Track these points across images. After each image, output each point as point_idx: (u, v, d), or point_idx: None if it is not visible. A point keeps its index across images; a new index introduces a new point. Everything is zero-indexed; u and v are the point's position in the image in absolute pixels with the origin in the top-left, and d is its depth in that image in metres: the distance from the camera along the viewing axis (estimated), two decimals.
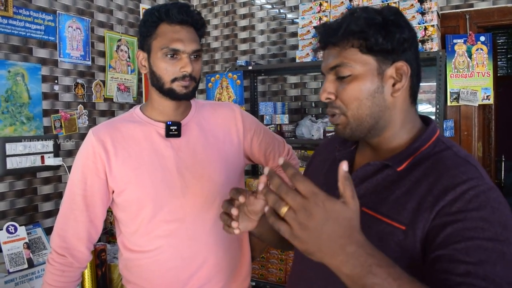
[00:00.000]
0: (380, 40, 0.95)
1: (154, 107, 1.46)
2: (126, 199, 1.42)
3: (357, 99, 0.97)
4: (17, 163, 2.47)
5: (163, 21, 1.37)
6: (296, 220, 0.70)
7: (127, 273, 1.50)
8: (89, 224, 1.43)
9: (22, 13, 2.51)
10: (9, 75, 2.44)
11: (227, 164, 1.51)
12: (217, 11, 3.87)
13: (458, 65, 2.89)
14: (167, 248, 1.41)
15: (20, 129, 2.50)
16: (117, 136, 1.42)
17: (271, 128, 3.05)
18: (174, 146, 1.43)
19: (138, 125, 1.45)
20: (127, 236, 1.47)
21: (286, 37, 3.55)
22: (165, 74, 1.37)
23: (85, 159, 1.42)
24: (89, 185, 1.41)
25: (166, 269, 1.42)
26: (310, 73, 3.43)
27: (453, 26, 2.96)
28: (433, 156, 0.97)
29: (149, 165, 1.40)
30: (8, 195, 2.46)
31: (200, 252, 1.43)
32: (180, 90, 1.38)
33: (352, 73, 0.97)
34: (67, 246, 1.43)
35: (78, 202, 1.42)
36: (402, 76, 0.98)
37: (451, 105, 2.94)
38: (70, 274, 1.45)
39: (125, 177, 1.39)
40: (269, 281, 3.02)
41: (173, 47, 1.35)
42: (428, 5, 2.68)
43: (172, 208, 1.41)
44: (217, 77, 3.19)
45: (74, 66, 2.83)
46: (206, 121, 1.53)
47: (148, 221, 1.40)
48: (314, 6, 3.07)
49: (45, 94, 2.65)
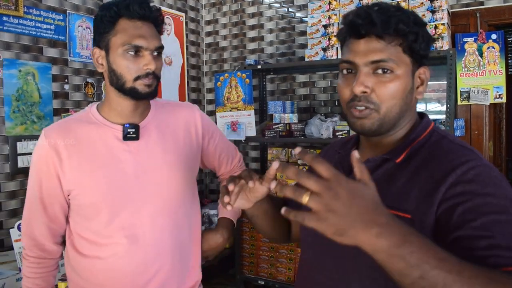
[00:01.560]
0: (423, 45, 0.98)
1: (111, 107, 1.38)
2: (80, 203, 1.36)
3: (394, 98, 0.97)
4: (27, 162, 2.48)
5: (123, 16, 1.28)
6: (322, 203, 0.69)
7: (77, 278, 1.43)
8: (50, 223, 1.39)
9: (32, 13, 2.52)
10: (20, 75, 2.46)
11: (186, 168, 1.45)
12: (225, 10, 3.87)
13: (469, 64, 2.86)
14: (123, 254, 1.35)
15: (31, 128, 2.52)
16: (71, 138, 1.34)
17: (280, 127, 3.04)
18: (131, 150, 1.36)
19: (94, 127, 1.37)
20: (78, 239, 1.40)
21: (295, 35, 3.54)
22: (126, 72, 1.29)
23: (38, 162, 1.37)
24: (45, 188, 1.36)
25: (122, 275, 1.36)
26: (319, 71, 3.43)
27: (463, 24, 2.94)
28: (429, 146, 0.99)
29: (105, 169, 1.33)
30: (19, 193, 2.48)
31: (156, 258, 1.38)
32: (143, 88, 1.30)
33: (395, 71, 0.96)
34: (35, 244, 1.41)
35: (37, 204, 1.37)
36: (424, 80, 1.02)
37: (461, 104, 2.91)
38: (45, 264, 1.43)
39: (80, 181, 1.33)
40: (278, 280, 3.02)
41: (135, 43, 1.27)
42: (439, 3, 2.66)
43: (129, 214, 1.35)
44: (226, 76, 3.19)
45: (84, 65, 2.85)
46: (166, 123, 1.46)
47: (104, 227, 1.34)
48: (323, 5, 3.06)
49: (56, 93, 2.67)
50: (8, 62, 2.40)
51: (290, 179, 0.72)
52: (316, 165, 0.71)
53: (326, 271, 1.03)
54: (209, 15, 3.96)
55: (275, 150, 3.43)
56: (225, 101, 3.18)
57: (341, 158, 1.13)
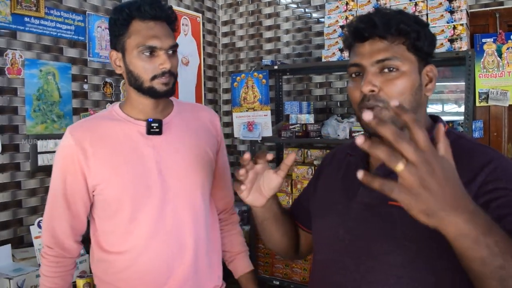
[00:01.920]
0: (427, 43, 1.01)
1: (133, 106, 1.41)
2: (105, 199, 1.38)
3: (402, 94, 0.99)
4: (48, 160, 2.52)
5: (135, 18, 1.31)
6: (417, 176, 0.63)
7: (102, 274, 1.46)
8: (72, 220, 1.42)
9: (53, 14, 2.57)
10: (41, 74, 2.50)
11: (206, 166, 1.48)
12: (242, 10, 3.88)
13: (487, 65, 2.83)
14: (145, 249, 1.38)
15: (51, 127, 2.56)
16: (95, 135, 1.37)
17: (297, 127, 3.04)
18: (154, 145, 1.39)
19: (118, 123, 1.40)
20: (103, 236, 1.43)
21: (311, 36, 3.54)
22: (143, 72, 1.32)
23: (63, 159, 1.39)
24: (69, 185, 1.38)
25: (144, 270, 1.38)
26: (335, 72, 3.42)
27: (482, 24, 2.91)
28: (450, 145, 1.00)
29: (129, 163, 1.36)
30: (39, 191, 2.53)
31: (178, 253, 1.40)
32: (161, 87, 1.33)
33: (400, 68, 0.99)
34: (56, 241, 1.43)
35: (60, 201, 1.40)
36: (432, 78, 1.04)
37: (479, 105, 2.88)
38: (64, 263, 1.45)
39: (104, 176, 1.36)
40: (293, 280, 3.02)
41: (149, 44, 1.30)
42: (457, 4, 2.63)
43: (152, 208, 1.37)
44: (242, 77, 3.20)
45: (102, 65, 2.88)
46: (188, 121, 1.49)
47: (127, 221, 1.37)
48: (340, 5, 3.05)
49: (75, 92, 2.71)
50: (30, 62, 2.45)
51: (384, 137, 0.62)
52: (417, 131, 0.63)
53: (346, 271, 1.03)
54: (225, 16, 3.98)
55: (291, 151, 3.43)
56: (242, 101, 3.20)
57: (355, 160, 1.14)
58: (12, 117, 2.39)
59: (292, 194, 3.14)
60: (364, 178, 0.64)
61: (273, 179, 1.10)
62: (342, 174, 1.18)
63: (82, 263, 2.31)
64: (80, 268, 2.29)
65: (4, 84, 2.34)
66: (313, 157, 3.30)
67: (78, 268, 2.28)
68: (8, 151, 2.38)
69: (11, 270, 2.08)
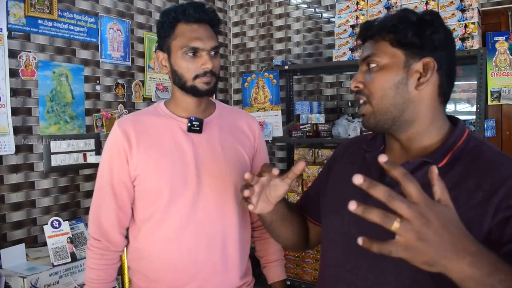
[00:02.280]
0: (410, 35, 0.99)
1: (177, 103, 1.50)
2: (144, 188, 1.45)
3: (381, 89, 1.01)
4: (61, 161, 2.56)
5: (180, 21, 1.41)
6: (413, 231, 0.64)
7: (135, 264, 1.52)
8: (118, 211, 1.47)
9: (66, 16, 2.60)
10: (54, 76, 2.54)
11: (240, 167, 1.53)
12: (253, 11, 3.89)
13: (499, 63, 2.81)
14: (175, 241, 1.43)
15: (64, 128, 2.59)
16: (141, 128, 1.45)
17: (307, 127, 3.04)
18: (194, 142, 1.46)
19: (162, 119, 1.49)
20: (139, 225, 1.49)
21: (322, 36, 3.54)
22: (186, 72, 1.41)
23: (110, 150, 1.47)
24: (115, 175, 1.45)
25: (173, 261, 1.44)
26: (346, 72, 3.41)
27: (494, 23, 2.89)
28: (470, 152, 0.99)
29: (169, 156, 1.43)
30: (52, 191, 2.56)
31: (207, 249, 1.45)
32: (202, 86, 1.42)
33: (379, 63, 1.02)
34: (102, 232, 1.48)
35: (107, 191, 1.46)
36: (428, 71, 1.00)
37: (491, 104, 2.86)
38: (109, 257, 1.50)
39: (145, 166, 1.43)
40: (304, 280, 3.02)
41: (192, 45, 1.38)
42: (469, 2, 2.62)
43: (186, 201, 1.43)
44: (253, 77, 3.21)
45: (114, 66, 2.91)
46: (229, 123, 1.56)
47: (162, 211, 1.43)
48: (351, 5, 3.04)
49: (87, 94, 2.74)
50: (43, 64, 2.48)
51: (376, 196, 0.66)
52: (408, 185, 0.66)
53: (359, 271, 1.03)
54: (236, 17, 3.99)
55: (302, 151, 3.43)
56: (252, 101, 3.21)
57: (371, 157, 1.12)
58: (26, 118, 2.43)
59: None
60: (364, 244, 0.67)
61: (279, 187, 1.10)
62: (357, 170, 1.15)
63: None
64: None
65: (18, 85, 2.38)
66: (324, 157, 3.29)
67: None
68: (22, 151, 2.41)
69: (25, 269, 2.11)
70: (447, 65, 1.03)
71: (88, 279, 1.49)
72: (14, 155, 2.37)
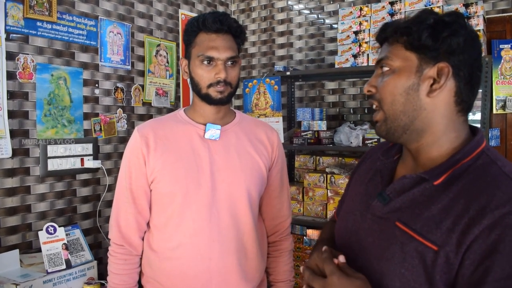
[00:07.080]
0: (423, 37, 0.93)
1: (196, 110, 1.54)
2: (159, 191, 1.49)
3: (391, 94, 0.96)
4: (57, 165, 2.52)
5: (201, 30, 1.46)
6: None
7: (149, 270, 1.54)
8: (137, 215, 1.51)
9: (65, 18, 2.56)
10: (52, 79, 2.50)
11: (256, 176, 1.55)
12: (254, 16, 3.86)
13: (505, 71, 2.77)
14: (188, 246, 1.46)
15: (62, 132, 2.55)
16: (159, 133, 1.50)
17: (309, 134, 3.00)
18: (210, 148, 1.49)
19: (180, 124, 1.53)
20: (153, 231, 1.53)
21: (324, 42, 3.50)
22: (201, 80, 1.46)
23: (130, 154, 1.51)
24: (134, 179, 1.50)
25: (185, 266, 1.46)
26: (348, 79, 3.38)
27: (499, 30, 2.85)
28: (474, 170, 0.90)
29: (184, 161, 1.47)
30: (48, 196, 2.51)
31: (219, 256, 1.47)
32: (215, 95, 1.45)
33: (391, 67, 0.97)
34: (123, 236, 1.52)
35: (127, 195, 1.51)
36: (442, 76, 0.93)
37: (496, 113, 2.82)
38: (132, 261, 1.54)
39: (161, 170, 1.46)
40: None
41: (208, 54, 1.43)
42: (474, 9, 2.58)
43: (200, 206, 1.46)
44: (254, 83, 3.18)
45: (114, 70, 2.88)
46: (247, 133, 1.59)
47: (177, 215, 1.46)
48: (354, 11, 3.01)
49: (86, 97, 2.70)
50: (41, 67, 2.44)
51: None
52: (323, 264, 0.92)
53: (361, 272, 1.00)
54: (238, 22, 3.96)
55: (303, 158, 3.39)
56: (253, 107, 3.17)
57: (382, 166, 1.09)
58: (23, 121, 2.38)
59: (303, 202, 3.10)
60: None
61: None
62: (368, 178, 1.13)
63: (90, 269, 2.28)
64: (87, 275, 2.27)
65: (16, 88, 2.34)
66: (325, 164, 3.25)
67: (85, 274, 2.26)
68: (18, 155, 2.37)
69: (19, 276, 2.07)
70: (466, 71, 0.94)
71: (113, 285, 1.53)
72: (10, 159, 2.32)
